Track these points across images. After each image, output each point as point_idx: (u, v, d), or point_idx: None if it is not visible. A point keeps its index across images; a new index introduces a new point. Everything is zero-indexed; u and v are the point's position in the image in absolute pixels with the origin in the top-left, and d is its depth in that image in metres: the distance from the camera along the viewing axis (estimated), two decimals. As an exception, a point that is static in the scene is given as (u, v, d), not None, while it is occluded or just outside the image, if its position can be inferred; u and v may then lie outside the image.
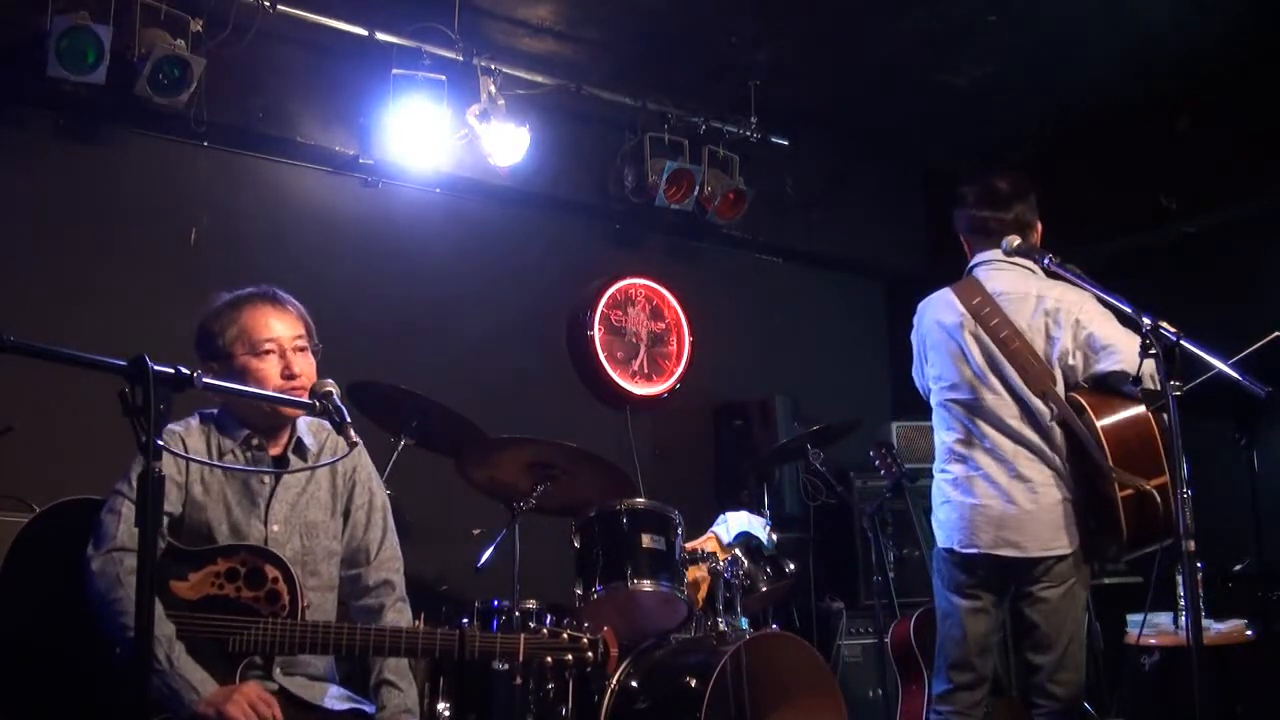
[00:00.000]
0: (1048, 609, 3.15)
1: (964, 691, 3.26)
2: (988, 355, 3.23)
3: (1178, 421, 2.44)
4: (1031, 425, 3.18)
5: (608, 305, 5.53)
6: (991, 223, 3.33)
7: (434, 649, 2.48)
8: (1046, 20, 4.92)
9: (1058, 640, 3.15)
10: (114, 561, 2.31)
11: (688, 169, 5.36)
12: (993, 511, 3.18)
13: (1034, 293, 3.22)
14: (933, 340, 3.40)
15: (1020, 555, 3.15)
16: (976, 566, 3.24)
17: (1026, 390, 3.16)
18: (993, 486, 3.19)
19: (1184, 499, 2.45)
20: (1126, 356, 3.02)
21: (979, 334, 3.25)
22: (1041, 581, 3.15)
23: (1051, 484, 3.14)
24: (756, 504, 4.77)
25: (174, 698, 2.25)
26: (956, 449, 3.31)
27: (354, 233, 4.88)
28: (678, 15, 4.89)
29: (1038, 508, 3.13)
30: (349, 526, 2.68)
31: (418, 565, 2.86)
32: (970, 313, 3.27)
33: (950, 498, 3.30)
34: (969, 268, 3.41)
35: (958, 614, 3.27)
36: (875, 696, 4.85)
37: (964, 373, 3.28)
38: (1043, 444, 3.16)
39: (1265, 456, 4.04)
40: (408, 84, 4.61)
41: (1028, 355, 3.15)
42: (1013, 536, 3.15)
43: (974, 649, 3.25)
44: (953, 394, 3.32)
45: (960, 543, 3.25)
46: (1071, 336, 3.14)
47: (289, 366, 2.55)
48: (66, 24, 3.86)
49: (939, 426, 3.40)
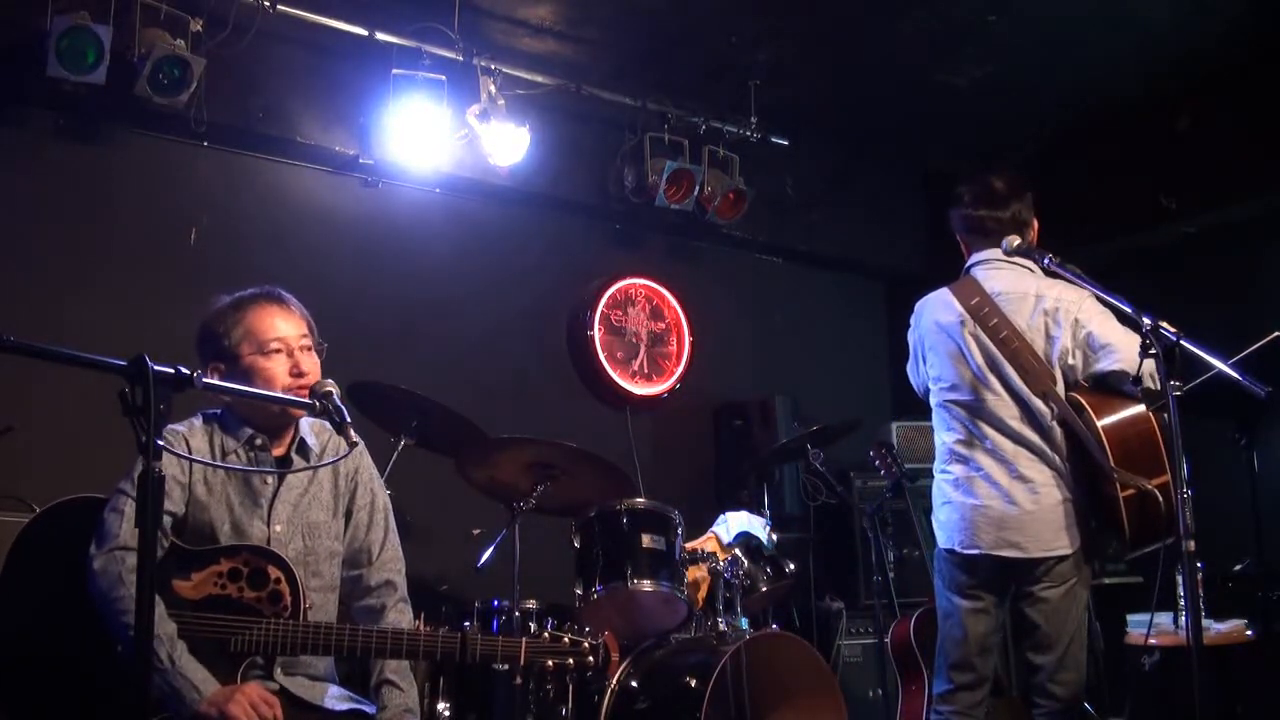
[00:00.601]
0: (1049, 609, 3.15)
1: (965, 691, 3.26)
2: (987, 355, 3.23)
3: (1178, 421, 2.44)
4: (1032, 426, 3.17)
5: (608, 305, 5.52)
6: (989, 222, 3.33)
7: (435, 651, 2.48)
8: (1046, 20, 4.92)
9: (1058, 640, 3.15)
10: (116, 560, 2.31)
11: (688, 169, 5.35)
12: (994, 512, 3.18)
13: (1033, 292, 3.22)
14: (931, 341, 3.39)
15: (1022, 556, 3.14)
16: (978, 567, 3.24)
17: (1027, 390, 3.16)
18: (994, 487, 3.19)
19: (1184, 499, 2.45)
20: (1126, 355, 3.01)
21: (978, 334, 3.24)
22: (1043, 582, 3.15)
23: (1052, 484, 3.14)
24: (756, 504, 4.77)
25: (175, 697, 2.25)
26: (957, 449, 3.30)
27: (354, 233, 4.88)
28: (678, 15, 4.89)
29: (1039, 508, 3.13)
30: (351, 527, 2.69)
31: (418, 565, 2.86)
32: (969, 313, 3.27)
33: (951, 498, 3.30)
34: (966, 267, 3.41)
35: (959, 614, 3.27)
36: (875, 696, 4.85)
37: (964, 373, 3.28)
38: (1043, 444, 3.16)
39: (1265, 456, 4.04)
40: (408, 84, 4.60)
41: (1027, 355, 3.15)
42: (1014, 537, 3.15)
43: (975, 649, 3.25)
44: (953, 395, 3.31)
45: (962, 543, 3.25)
46: (1071, 336, 3.14)
47: (297, 365, 2.55)
48: (66, 24, 3.86)
49: (939, 427, 3.40)
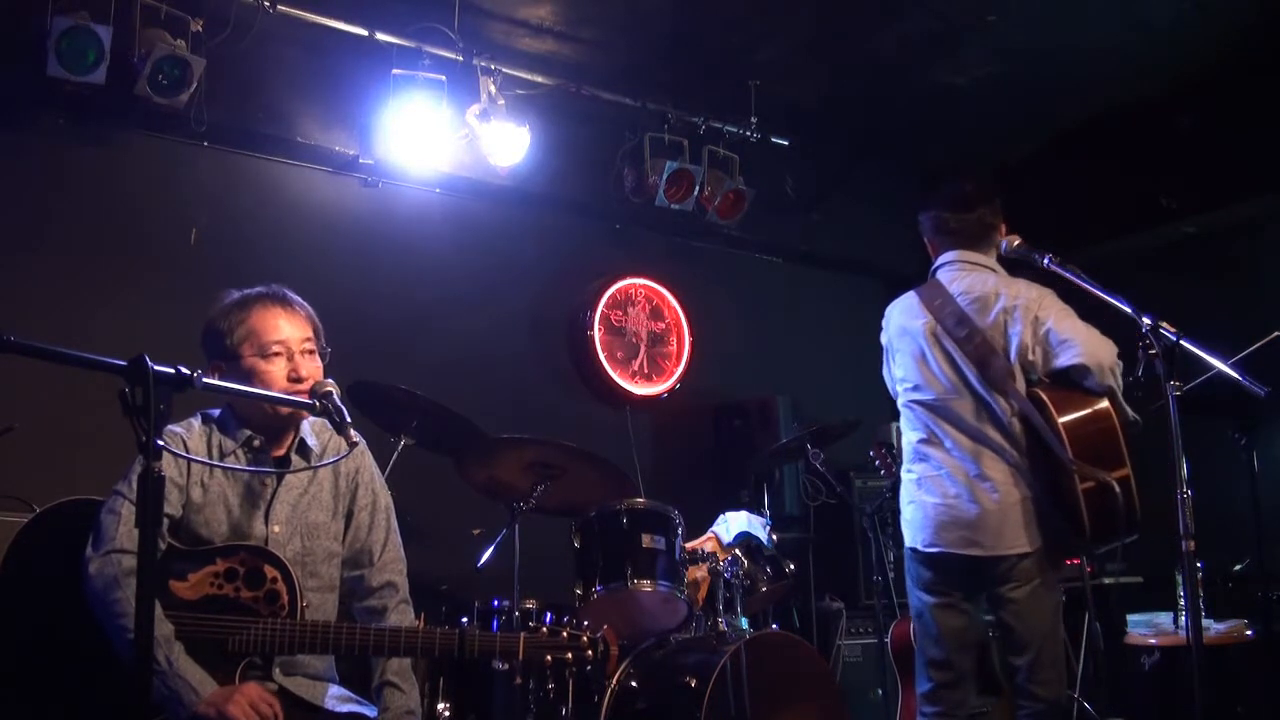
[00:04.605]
0: (1017, 609, 3.18)
1: (946, 690, 3.29)
2: (949, 356, 3.28)
3: (1178, 421, 2.44)
4: (993, 424, 3.21)
5: (608, 305, 5.52)
6: (953, 224, 3.40)
7: (433, 648, 2.47)
8: (1046, 20, 4.92)
9: (1031, 641, 3.17)
10: (112, 563, 2.30)
11: (687, 169, 5.35)
12: (955, 511, 3.23)
13: (993, 292, 3.26)
14: (898, 343, 3.46)
15: (982, 554, 3.19)
16: (941, 565, 3.29)
17: (987, 389, 3.21)
18: (955, 486, 3.24)
19: (1184, 499, 2.45)
20: (1085, 350, 3.06)
21: (940, 335, 3.30)
22: (1009, 582, 3.18)
23: (1013, 482, 3.17)
24: (756, 504, 4.77)
25: (174, 698, 2.24)
26: (920, 449, 3.36)
27: (354, 233, 4.88)
28: (677, 15, 4.89)
29: (999, 507, 3.17)
30: (352, 528, 2.67)
31: (418, 565, 2.86)
32: (932, 314, 3.33)
33: (915, 497, 3.36)
34: (932, 269, 3.46)
35: (928, 611, 3.32)
36: (875, 696, 4.84)
37: (926, 374, 3.33)
38: (1004, 442, 3.20)
39: (1265, 456, 4.05)
40: (408, 84, 4.61)
41: (988, 354, 3.20)
42: (975, 535, 3.20)
43: (951, 645, 3.28)
44: (915, 395, 3.38)
45: (924, 542, 3.30)
46: (1031, 333, 3.17)
47: (296, 370, 2.52)
48: (66, 24, 3.86)
49: (905, 427, 3.45)
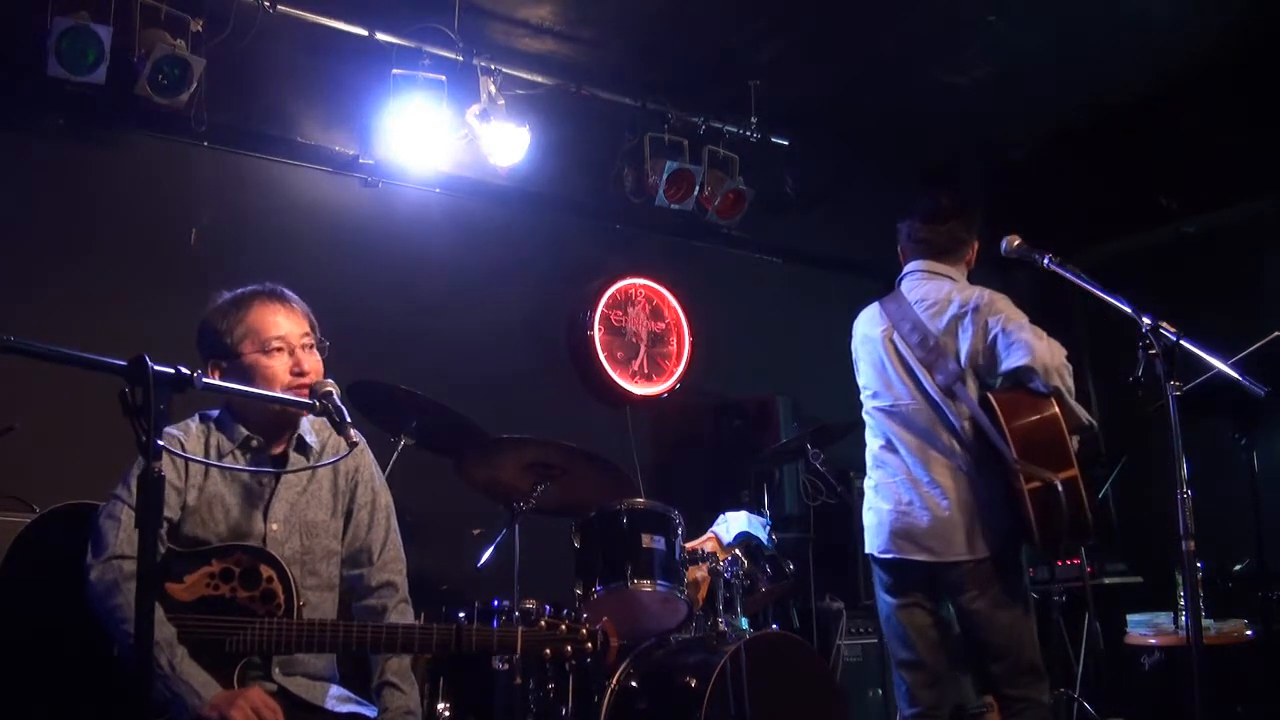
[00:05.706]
0: (981, 619, 3.20)
1: (923, 690, 3.30)
2: (904, 363, 3.33)
3: (1178, 421, 2.44)
4: (946, 429, 3.24)
5: (608, 305, 5.52)
6: (924, 233, 3.45)
7: (431, 644, 2.47)
8: (1046, 20, 4.93)
9: (1004, 650, 3.19)
10: (113, 569, 2.29)
11: (687, 169, 5.35)
12: (908, 518, 3.27)
13: (948, 297, 3.30)
14: (860, 351, 3.53)
15: (934, 560, 3.22)
16: (896, 570, 3.32)
17: (940, 394, 3.24)
18: (908, 493, 3.28)
19: (1184, 499, 2.45)
20: (1031, 352, 3.08)
21: (897, 341, 3.35)
22: (967, 591, 3.20)
23: (966, 489, 3.20)
24: (756, 504, 4.77)
25: (177, 702, 2.23)
26: (879, 455, 3.41)
27: (354, 233, 4.87)
28: (678, 15, 4.89)
29: (950, 514, 3.19)
30: (351, 527, 2.66)
31: (418, 565, 2.86)
32: (891, 321, 3.39)
33: (872, 504, 3.41)
34: (899, 278, 3.51)
35: (894, 614, 3.35)
36: (875, 696, 4.84)
37: (884, 381, 3.39)
38: (957, 447, 3.22)
39: (1265, 456, 4.04)
40: (408, 84, 4.61)
41: (940, 358, 3.23)
42: (926, 541, 3.23)
43: (919, 644, 3.29)
44: (875, 401, 3.43)
45: (879, 548, 3.35)
46: (981, 336, 3.20)
47: (298, 364, 2.52)
48: (66, 24, 3.86)
49: (868, 435, 3.50)
